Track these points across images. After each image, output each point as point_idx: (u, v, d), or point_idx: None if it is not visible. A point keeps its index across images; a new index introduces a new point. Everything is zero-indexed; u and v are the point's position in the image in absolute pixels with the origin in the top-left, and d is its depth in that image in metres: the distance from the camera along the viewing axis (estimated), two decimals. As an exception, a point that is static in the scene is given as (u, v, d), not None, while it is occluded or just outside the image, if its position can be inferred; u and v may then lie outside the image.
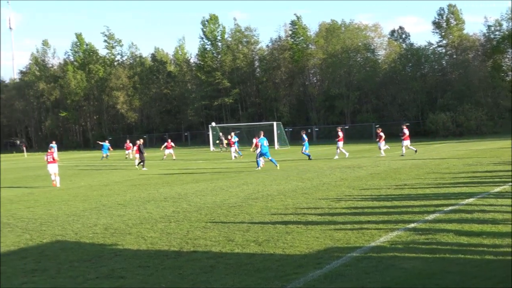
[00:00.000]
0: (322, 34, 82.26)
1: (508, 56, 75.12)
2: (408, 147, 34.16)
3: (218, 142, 59.96)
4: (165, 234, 11.45)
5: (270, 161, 28.59)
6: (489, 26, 74.91)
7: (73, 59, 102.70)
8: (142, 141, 35.66)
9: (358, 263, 8.38)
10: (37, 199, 19.51)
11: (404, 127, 34.60)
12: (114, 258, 9.59)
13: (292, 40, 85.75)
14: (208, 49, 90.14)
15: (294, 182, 20.81)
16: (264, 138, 28.38)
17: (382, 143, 34.56)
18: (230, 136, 44.86)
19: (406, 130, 34.20)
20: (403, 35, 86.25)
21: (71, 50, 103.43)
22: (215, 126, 67.43)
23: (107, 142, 54.13)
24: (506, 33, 72.60)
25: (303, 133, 35.62)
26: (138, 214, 14.51)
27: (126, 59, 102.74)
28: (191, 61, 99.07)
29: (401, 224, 11.11)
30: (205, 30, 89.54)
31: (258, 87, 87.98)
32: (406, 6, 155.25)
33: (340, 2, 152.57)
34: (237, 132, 55.55)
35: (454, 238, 9.56)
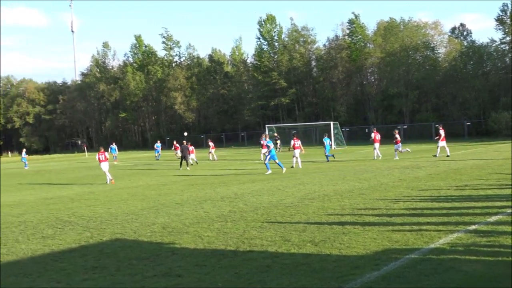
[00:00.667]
0: (380, 33, 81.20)
1: None
2: (444, 147, 33.29)
3: (275, 142, 60.09)
4: (221, 234, 11.53)
5: (277, 164, 27.72)
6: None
7: (132, 61, 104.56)
8: (185, 142, 36.76)
9: (416, 265, 8.24)
10: (97, 198, 19.98)
11: (440, 128, 33.88)
12: (172, 257, 9.72)
13: (349, 39, 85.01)
14: (264, 49, 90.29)
15: (351, 182, 20.62)
16: (270, 141, 28.03)
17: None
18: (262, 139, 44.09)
19: (442, 131, 33.43)
20: (464, 32, 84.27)
21: (131, 52, 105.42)
22: (271, 126, 67.55)
23: (159, 142, 54.89)
24: None
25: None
26: (195, 213, 14.66)
27: (184, 60, 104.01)
28: (248, 61, 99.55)
29: (461, 225, 10.86)
30: (262, 30, 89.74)
31: (315, 87, 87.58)
32: (467, 3, 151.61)
33: (399, 0, 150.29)
34: (270, 134, 55.39)
35: (518, 241, 9.29)
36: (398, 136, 33.65)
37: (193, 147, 41.55)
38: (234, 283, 7.91)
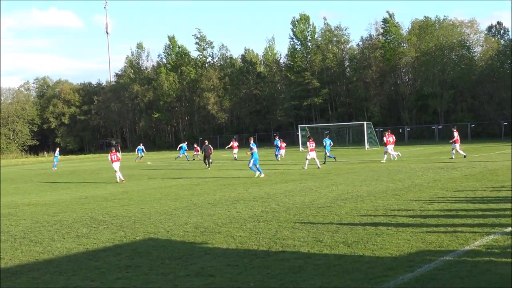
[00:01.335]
0: (415, 32, 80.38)
1: None
2: (457, 151, 32.73)
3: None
4: (254, 234, 11.54)
5: (254, 168, 26.85)
6: None
7: (166, 62, 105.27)
8: (206, 142, 37.81)
9: (451, 267, 8.14)
10: (131, 198, 20.18)
11: (454, 130, 33.34)
12: (204, 257, 9.77)
13: (383, 38, 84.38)
14: (298, 49, 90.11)
15: (385, 183, 20.47)
16: (254, 144, 27.55)
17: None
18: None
19: (456, 133, 32.88)
20: (501, 31, 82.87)
21: (164, 52, 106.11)
22: (304, 126, 67.43)
23: (186, 143, 54.30)
24: None
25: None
26: (227, 213, 14.71)
27: (216, 61, 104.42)
28: (281, 61, 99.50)
29: (498, 227, 10.69)
30: (295, 30, 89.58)
31: (348, 87, 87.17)
32: (504, 2, 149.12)
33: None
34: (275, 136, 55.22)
35: (556, 244, 9.11)
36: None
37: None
38: (266, 283, 7.92)
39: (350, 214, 13.36)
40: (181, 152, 51.91)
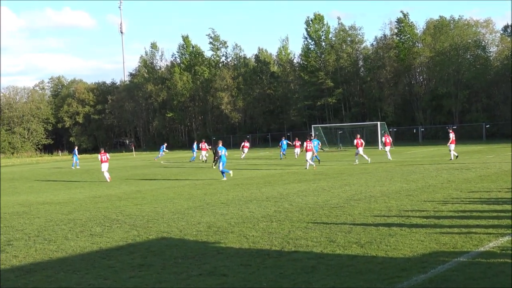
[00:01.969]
0: (430, 32, 79.88)
1: None
2: (450, 151, 32.52)
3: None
4: (266, 234, 11.54)
5: (225, 170, 26.94)
6: None
7: (179, 61, 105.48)
8: (220, 143, 37.80)
9: (465, 269, 8.10)
10: (144, 197, 20.26)
11: (450, 131, 33.11)
12: (217, 256, 9.79)
13: (398, 38, 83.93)
14: (311, 49, 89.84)
15: (398, 183, 20.40)
16: (223, 147, 27.53)
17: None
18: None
19: (452, 135, 32.64)
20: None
21: (178, 52, 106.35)
22: (318, 126, 67.37)
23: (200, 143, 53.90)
24: None
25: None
26: (240, 213, 14.72)
27: (230, 60, 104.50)
28: (294, 61, 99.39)
29: (512, 229, 10.62)
30: (309, 30, 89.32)
31: (362, 87, 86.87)
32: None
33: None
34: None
35: None
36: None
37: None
38: (279, 283, 7.92)
39: (363, 215, 13.32)
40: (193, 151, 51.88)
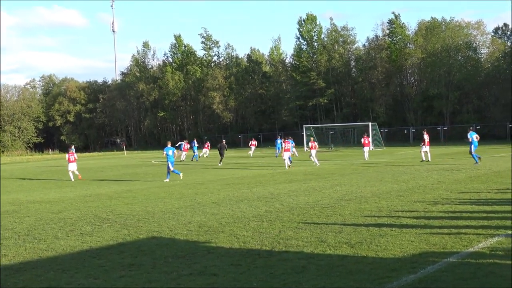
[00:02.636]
0: (421, 33, 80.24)
1: None
2: (425, 153, 32.59)
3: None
4: (257, 233, 11.55)
5: (176, 171, 27.03)
6: None
7: (171, 61, 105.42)
8: (223, 141, 40.66)
9: (454, 269, 8.13)
10: (135, 196, 20.21)
11: (424, 133, 33.24)
12: (207, 256, 9.78)
13: (389, 39, 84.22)
14: (304, 49, 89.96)
15: (389, 184, 20.45)
16: (169, 148, 27.44)
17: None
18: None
19: (426, 136, 32.75)
20: (508, 33, 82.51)
21: (170, 51, 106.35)
22: (309, 126, 67.52)
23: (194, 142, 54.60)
24: None
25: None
26: (231, 212, 14.72)
27: (222, 60, 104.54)
28: (286, 61, 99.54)
29: (502, 230, 10.67)
30: (301, 30, 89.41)
31: (354, 87, 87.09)
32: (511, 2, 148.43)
33: (441, 0, 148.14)
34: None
35: (560, 246, 9.07)
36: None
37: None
38: (269, 283, 7.92)
39: (354, 215, 13.35)
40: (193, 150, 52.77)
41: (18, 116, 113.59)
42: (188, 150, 49.11)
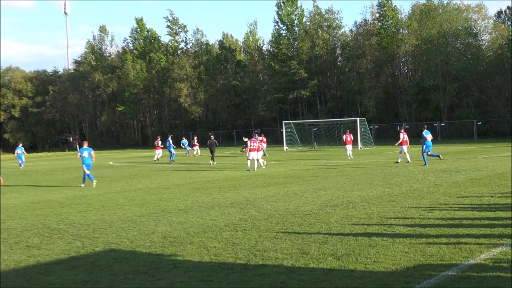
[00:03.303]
0: (416, 17, 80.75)
1: None
2: (404, 153, 33.04)
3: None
4: (230, 245, 11.53)
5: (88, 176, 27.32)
6: None
7: (132, 47, 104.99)
8: (212, 137, 43.55)
9: (454, 283, 8.18)
10: (90, 203, 20.06)
11: (401, 132, 33.62)
12: (173, 271, 9.73)
13: (380, 24, 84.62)
14: (283, 34, 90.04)
15: (380, 187, 20.55)
16: (88, 148, 28.09)
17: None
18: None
19: (403, 135, 33.09)
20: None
21: (131, 37, 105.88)
22: (289, 122, 67.70)
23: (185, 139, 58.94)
24: None
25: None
26: (200, 221, 14.68)
27: (190, 47, 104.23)
28: (264, 48, 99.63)
29: (506, 239, 10.77)
30: (280, 13, 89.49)
31: (340, 78, 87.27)
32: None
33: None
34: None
35: None
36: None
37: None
38: (243, 302, 7.90)
39: (340, 223, 13.38)
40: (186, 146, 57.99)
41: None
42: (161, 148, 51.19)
